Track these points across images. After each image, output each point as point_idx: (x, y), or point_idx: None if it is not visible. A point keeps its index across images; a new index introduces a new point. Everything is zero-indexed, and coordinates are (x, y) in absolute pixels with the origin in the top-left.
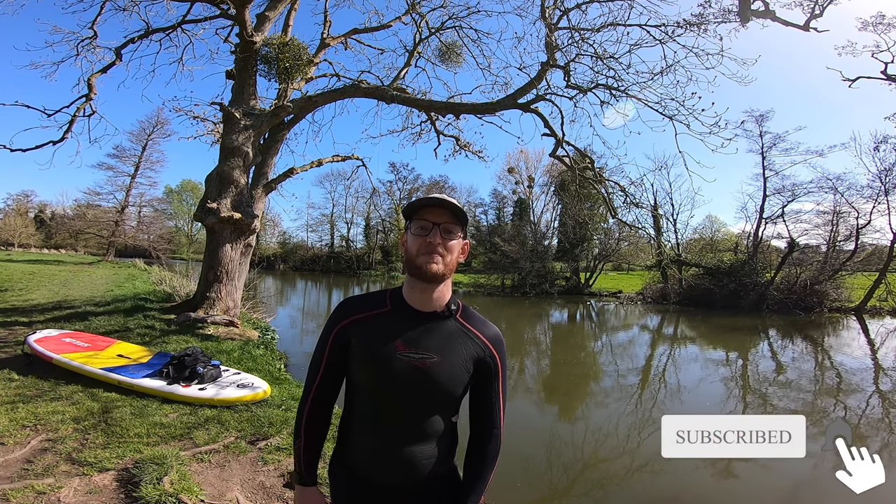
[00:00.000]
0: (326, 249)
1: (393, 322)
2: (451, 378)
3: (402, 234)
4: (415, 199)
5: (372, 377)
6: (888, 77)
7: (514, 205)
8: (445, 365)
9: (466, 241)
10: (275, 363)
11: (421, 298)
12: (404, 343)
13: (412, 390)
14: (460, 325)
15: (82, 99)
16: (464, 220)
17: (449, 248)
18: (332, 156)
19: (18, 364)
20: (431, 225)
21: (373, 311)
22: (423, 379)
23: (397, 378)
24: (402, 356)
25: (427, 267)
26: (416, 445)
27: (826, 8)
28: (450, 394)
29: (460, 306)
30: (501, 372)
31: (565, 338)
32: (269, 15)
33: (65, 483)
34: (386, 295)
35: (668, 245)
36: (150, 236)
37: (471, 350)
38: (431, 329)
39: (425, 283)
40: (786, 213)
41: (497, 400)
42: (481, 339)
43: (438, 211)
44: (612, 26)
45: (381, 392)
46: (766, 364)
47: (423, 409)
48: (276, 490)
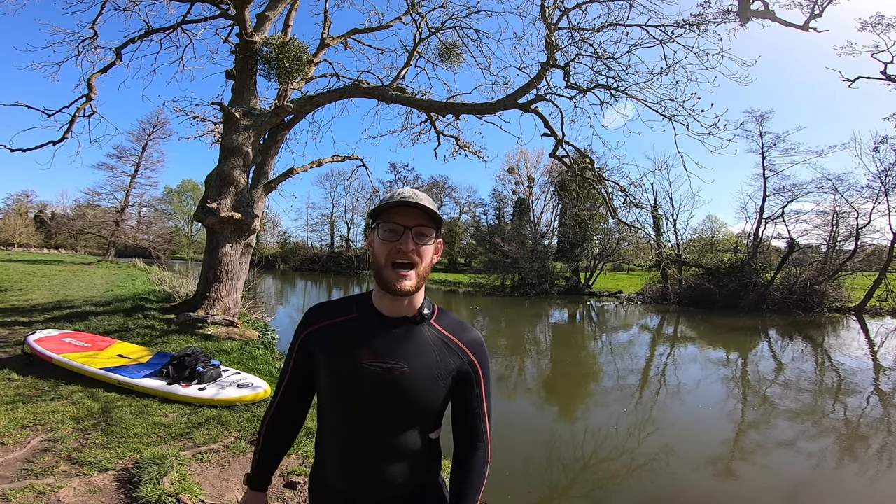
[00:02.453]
0: (326, 249)
1: (359, 329)
2: (424, 389)
3: (370, 235)
4: (383, 200)
5: (337, 388)
6: (888, 77)
7: (514, 205)
8: (417, 375)
9: (440, 241)
10: (275, 363)
11: (391, 305)
12: (371, 351)
13: (381, 402)
14: (435, 330)
15: (82, 99)
16: (438, 220)
17: (422, 253)
18: (332, 156)
19: (18, 364)
20: (402, 229)
21: (339, 318)
22: (392, 390)
23: (364, 389)
24: (369, 365)
25: (397, 285)
26: (390, 463)
27: (825, 8)
28: (422, 406)
29: (435, 310)
30: (483, 380)
31: (565, 338)
32: (269, 15)
33: (65, 483)
34: (353, 301)
35: (668, 245)
36: (150, 236)
37: (447, 358)
38: (401, 336)
39: (395, 297)
40: (786, 213)
41: (480, 411)
42: (458, 345)
43: (410, 212)
44: (612, 26)
45: (348, 405)
46: (766, 364)
47: (394, 423)
48: (276, 490)
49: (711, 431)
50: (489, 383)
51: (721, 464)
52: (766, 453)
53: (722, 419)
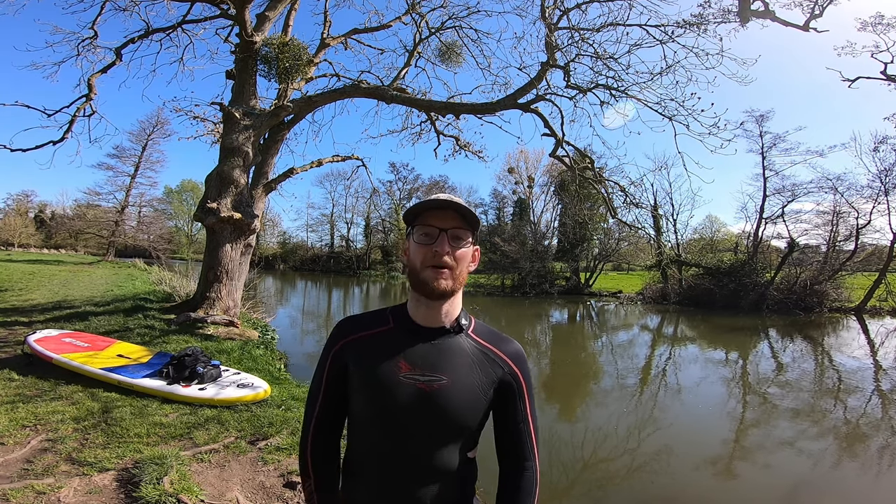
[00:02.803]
0: (326, 249)
1: (395, 340)
2: (464, 403)
3: (404, 242)
4: (417, 202)
5: (372, 402)
6: (888, 77)
7: (514, 205)
8: (456, 387)
9: (477, 248)
10: (275, 363)
11: (427, 314)
12: (408, 363)
13: (418, 417)
14: (473, 341)
15: (82, 99)
16: (475, 223)
17: (458, 257)
18: (332, 156)
19: (18, 364)
20: (438, 231)
21: (373, 330)
22: (430, 404)
23: (400, 403)
24: (406, 378)
25: (434, 284)
26: (423, 484)
27: (826, 8)
28: (462, 421)
29: (472, 322)
30: (527, 392)
31: (565, 338)
32: (269, 15)
33: (65, 483)
34: (388, 312)
35: (668, 245)
36: (150, 236)
37: (488, 370)
38: (440, 347)
39: (431, 300)
40: (786, 213)
41: (526, 426)
42: (500, 356)
43: (445, 214)
44: (612, 26)
45: (382, 420)
46: (766, 364)
47: (431, 439)
48: (276, 490)
49: (712, 431)
50: (533, 397)
51: (721, 463)
52: (767, 453)
53: (722, 419)
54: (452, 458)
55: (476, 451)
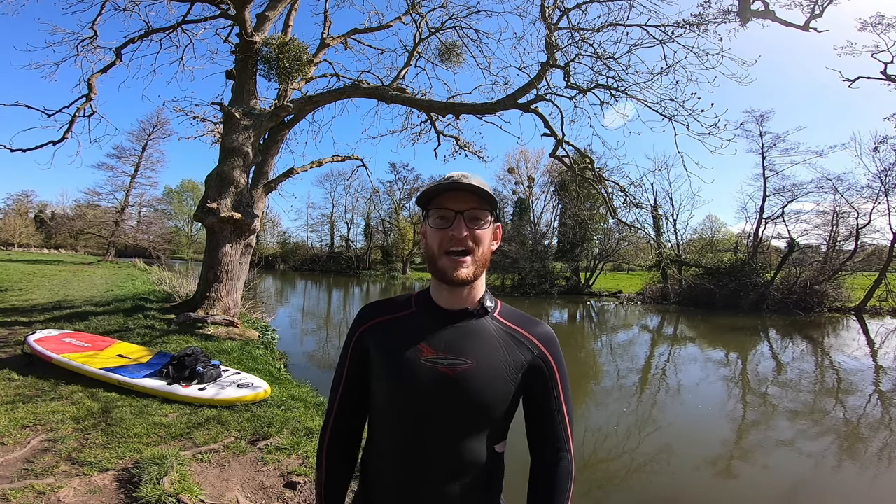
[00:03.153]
0: (326, 249)
1: (417, 324)
2: (491, 387)
3: (421, 226)
4: (430, 185)
5: (393, 388)
6: (888, 77)
7: (514, 205)
8: (481, 371)
9: (498, 225)
10: (275, 363)
11: (449, 298)
12: (430, 346)
13: (440, 403)
14: (499, 323)
15: (82, 99)
16: (493, 201)
17: (477, 238)
18: (332, 156)
19: (18, 364)
20: (454, 214)
21: (396, 314)
22: (453, 389)
23: (422, 388)
24: (428, 361)
25: (453, 275)
26: (447, 478)
27: (826, 8)
28: (488, 408)
29: (498, 304)
30: (560, 376)
31: (565, 338)
32: (269, 15)
33: (65, 483)
34: (411, 297)
35: (668, 245)
36: (150, 236)
37: (516, 353)
38: (464, 329)
39: (452, 286)
40: (786, 213)
41: (560, 413)
42: (529, 337)
43: (461, 196)
44: (612, 26)
45: (403, 407)
46: (766, 364)
47: (455, 428)
48: (276, 490)
49: (711, 431)
50: (566, 383)
51: (721, 463)
52: (767, 453)
53: (722, 419)
54: (477, 450)
55: (504, 445)
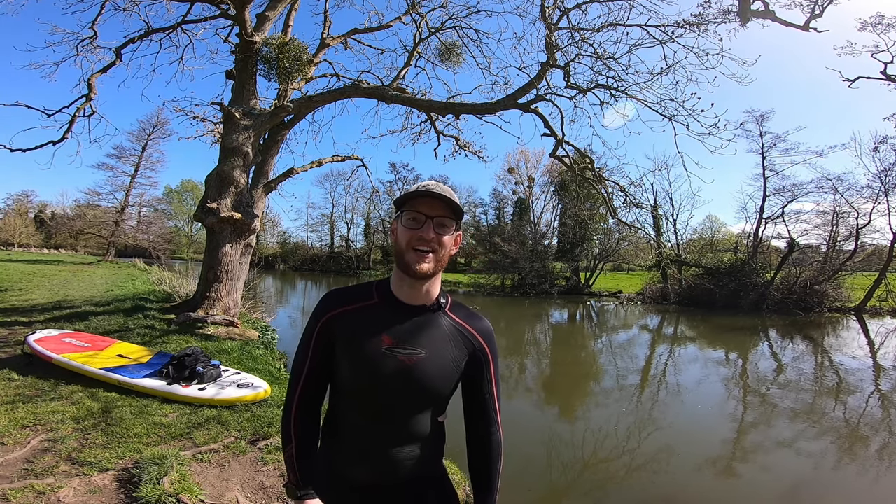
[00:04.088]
0: (326, 249)
1: (380, 315)
2: (439, 374)
3: (393, 222)
4: (409, 189)
5: (356, 373)
6: (888, 77)
7: (514, 205)
8: (433, 361)
9: (459, 234)
10: (275, 363)
11: (410, 293)
12: (391, 337)
13: (398, 387)
14: (450, 319)
15: (82, 99)
16: (460, 213)
17: (442, 242)
18: (332, 156)
19: (18, 364)
20: (425, 218)
21: (359, 304)
22: (409, 375)
23: (382, 374)
24: (389, 351)
25: (416, 267)
26: (399, 445)
27: (826, 8)
28: (437, 391)
29: (449, 300)
30: (493, 366)
31: (565, 338)
32: (269, 15)
33: (65, 483)
34: (372, 287)
35: (668, 245)
36: (150, 236)
37: (461, 346)
38: (420, 323)
39: (415, 280)
40: (786, 213)
41: (491, 396)
42: (472, 332)
43: (433, 203)
44: (612, 26)
45: (365, 388)
46: (765, 364)
47: (408, 407)
48: (276, 490)
49: (711, 431)
50: (498, 370)
51: (721, 464)
52: (766, 453)
53: (722, 419)
54: (426, 422)
55: (445, 416)
